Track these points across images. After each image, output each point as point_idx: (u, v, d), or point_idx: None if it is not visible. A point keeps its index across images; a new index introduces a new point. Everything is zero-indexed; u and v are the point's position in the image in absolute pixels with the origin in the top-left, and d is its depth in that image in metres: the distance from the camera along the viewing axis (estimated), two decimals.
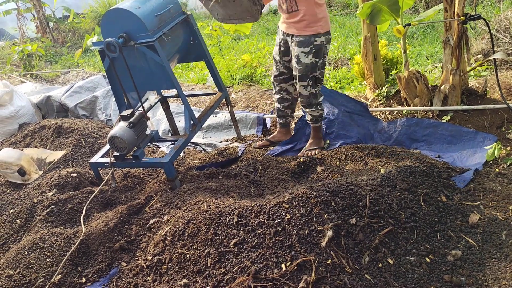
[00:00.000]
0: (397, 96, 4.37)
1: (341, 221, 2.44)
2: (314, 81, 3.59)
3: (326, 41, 3.51)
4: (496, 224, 2.61)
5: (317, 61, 3.51)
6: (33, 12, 11.19)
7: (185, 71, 7.45)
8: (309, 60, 3.50)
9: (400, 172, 2.93)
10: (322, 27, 3.45)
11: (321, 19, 3.43)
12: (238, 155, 3.96)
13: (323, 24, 3.46)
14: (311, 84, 3.59)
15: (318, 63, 3.53)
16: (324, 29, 3.47)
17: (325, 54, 3.57)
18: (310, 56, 3.48)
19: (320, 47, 3.48)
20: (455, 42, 3.78)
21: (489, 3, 7.24)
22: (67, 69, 8.67)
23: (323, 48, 3.51)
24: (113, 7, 3.14)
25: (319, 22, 3.43)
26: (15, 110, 5.14)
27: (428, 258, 2.39)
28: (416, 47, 6.56)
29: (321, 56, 3.53)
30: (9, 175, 3.94)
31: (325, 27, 3.48)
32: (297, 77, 3.59)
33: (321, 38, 3.47)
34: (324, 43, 3.50)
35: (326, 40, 3.51)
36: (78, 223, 3.12)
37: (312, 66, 3.52)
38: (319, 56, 3.51)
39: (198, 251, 2.43)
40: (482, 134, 3.56)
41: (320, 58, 3.53)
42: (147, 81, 3.36)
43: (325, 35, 3.50)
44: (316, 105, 3.70)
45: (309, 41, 3.46)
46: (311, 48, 3.46)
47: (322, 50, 3.52)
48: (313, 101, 3.67)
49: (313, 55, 3.48)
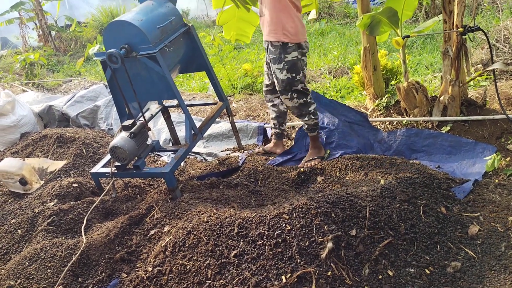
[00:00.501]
0: (397, 106, 4.40)
1: (341, 232, 2.45)
2: (298, 93, 3.57)
3: (300, 55, 3.46)
4: (496, 235, 2.61)
5: (293, 76, 3.48)
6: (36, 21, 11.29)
7: (186, 80, 7.49)
8: (284, 76, 3.49)
9: (400, 183, 2.94)
10: (287, 36, 3.39)
11: (286, 27, 3.36)
12: (239, 165, 3.97)
13: (290, 34, 3.39)
14: (296, 96, 3.57)
15: (296, 78, 3.50)
16: (290, 40, 3.40)
17: (303, 67, 3.53)
18: (285, 72, 3.47)
19: (293, 62, 3.45)
20: (454, 53, 3.81)
21: (489, 13, 7.29)
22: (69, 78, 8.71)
23: (298, 62, 3.47)
24: (115, 19, 3.18)
25: (284, 30, 3.38)
26: (17, 120, 5.17)
27: (427, 270, 2.39)
28: (416, 57, 6.60)
29: (297, 71, 3.49)
30: (10, 184, 3.96)
31: (293, 38, 3.40)
32: (279, 91, 3.61)
33: (293, 54, 3.43)
34: (297, 58, 3.46)
35: (300, 53, 3.46)
36: (79, 234, 3.13)
37: (289, 81, 3.50)
38: (294, 71, 3.47)
39: (198, 262, 2.44)
40: (481, 144, 3.57)
41: (297, 73, 3.49)
42: (149, 91, 3.39)
43: (296, 49, 3.44)
44: (308, 114, 3.66)
45: (280, 58, 3.45)
46: (284, 64, 3.45)
47: (297, 65, 3.47)
48: (304, 110, 3.64)
49: (287, 70, 3.46)
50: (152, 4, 3.42)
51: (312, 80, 6.40)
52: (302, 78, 3.54)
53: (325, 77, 6.45)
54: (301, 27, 3.46)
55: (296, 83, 3.53)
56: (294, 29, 3.40)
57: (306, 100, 3.62)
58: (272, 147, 4.17)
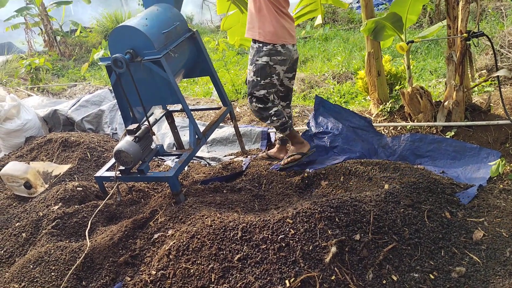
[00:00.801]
0: (401, 111, 4.40)
1: (345, 237, 2.44)
2: (257, 99, 3.52)
3: (272, 62, 3.41)
4: (500, 241, 2.60)
5: (258, 80, 3.46)
6: (41, 26, 11.36)
7: (191, 85, 7.52)
8: (250, 78, 3.50)
9: (404, 188, 2.94)
10: (261, 35, 3.36)
11: (262, 26, 3.34)
12: (243, 169, 3.98)
13: (265, 33, 3.35)
14: (255, 100, 3.53)
15: (260, 82, 3.46)
16: (264, 38, 3.36)
17: (272, 75, 3.46)
18: (252, 73, 3.48)
19: (262, 66, 3.42)
20: (458, 59, 3.81)
21: (493, 18, 7.29)
22: (73, 82, 8.76)
23: (266, 68, 3.42)
24: (121, 24, 3.20)
25: (259, 29, 3.36)
26: (22, 124, 5.20)
27: (432, 275, 2.39)
28: (420, 62, 6.60)
29: (263, 76, 3.45)
30: (15, 188, 3.97)
31: (267, 37, 3.35)
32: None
33: (264, 58, 3.40)
34: (267, 63, 3.41)
35: (273, 60, 3.40)
36: (83, 237, 3.14)
37: (253, 84, 3.49)
38: (260, 75, 3.44)
39: (202, 266, 2.44)
40: (486, 150, 3.56)
41: (262, 78, 3.46)
42: (153, 96, 3.40)
43: (270, 55, 3.39)
44: (269, 117, 3.57)
45: (252, 60, 3.46)
46: (253, 66, 3.46)
47: (265, 70, 3.43)
48: (264, 114, 3.56)
49: (254, 73, 3.46)
50: (157, 10, 3.45)
51: (316, 85, 6.41)
52: (267, 85, 3.47)
53: (329, 83, 6.46)
54: (280, 30, 3.38)
55: (258, 88, 3.48)
56: (274, 31, 3.36)
57: (265, 105, 3.54)
58: (276, 152, 4.17)
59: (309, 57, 7.96)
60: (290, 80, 3.81)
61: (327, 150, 3.96)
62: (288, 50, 3.48)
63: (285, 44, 3.43)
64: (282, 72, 3.53)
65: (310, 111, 5.20)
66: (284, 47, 3.44)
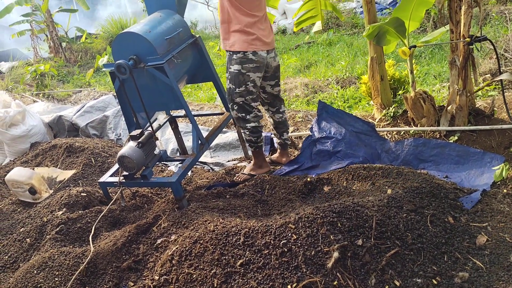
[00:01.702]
0: (404, 116, 4.39)
1: (347, 242, 2.44)
2: (238, 106, 3.63)
3: (244, 69, 3.47)
4: (504, 246, 2.59)
5: (233, 88, 3.55)
6: (47, 33, 11.46)
7: (195, 90, 7.54)
8: (227, 85, 3.61)
9: (407, 192, 2.93)
10: (230, 44, 3.47)
11: (231, 36, 3.46)
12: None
13: (233, 42, 3.45)
14: (236, 108, 3.64)
15: (236, 90, 3.55)
16: (233, 48, 3.46)
17: (247, 82, 3.52)
18: (228, 81, 3.58)
19: (234, 74, 3.51)
20: (461, 63, 3.80)
21: (497, 23, 7.28)
22: (78, 88, 8.82)
23: (239, 76, 3.50)
24: (124, 31, 3.23)
25: (228, 40, 3.49)
26: (27, 130, 5.24)
27: (435, 280, 2.38)
28: (424, 67, 6.59)
29: (238, 84, 3.53)
30: (20, 193, 4.00)
31: (234, 46, 3.45)
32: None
33: (235, 66, 3.48)
34: (239, 71, 3.48)
35: (245, 68, 3.47)
36: (87, 242, 3.15)
37: (230, 92, 3.60)
38: (235, 83, 3.53)
39: (204, 271, 2.44)
40: (489, 154, 3.55)
41: (237, 86, 3.53)
42: (156, 101, 3.42)
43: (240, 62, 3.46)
44: (245, 129, 3.73)
45: (227, 67, 3.57)
46: (228, 74, 3.57)
47: (238, 78, 3.51)
48: (241, 124, 3.73)
49: (229, 80, 3.57)
50: (160, 16, 3.47)
51: (319, 90, 6.42)
52: (243, 92, 3.55)
53: (333, 87, 6.46)
54: (250, 38, 3.43)
55: (235, 95, 3.58)
56: (238, 38, 3.44)
57: (244, 116, 3.66)
58: (278, 157, 4.18)
59: (313, 62, 7.97)
60: (273, 87, 3.86)
61: (330, 155, 3.96)
62: (261, 57, 3.52)
63: (256, 52, 3.48)
64: (258, 79, 3.59)
65: (314, 116, 5.20)
66: (256, 54, 3.49)
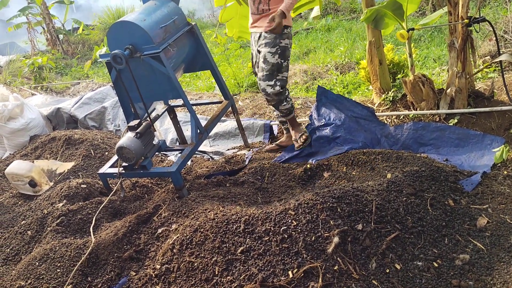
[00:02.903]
0: (404, 100, 4.37)
1: (347, 227, 2.44)
2: (281, 82, 3.70)
3: (289, 44, 3.68)
4: (505, 227, 2.58)
5: (282, 62, 3.64)
6: (43, 25, 11.39)
7: (193, 80, 7.51)
8: (275, 60, 3.61)
9: (406, 176, 2.92)
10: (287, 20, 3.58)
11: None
12: (245, 163, 3.98)
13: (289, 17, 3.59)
14: (280, 84, 3.69)
15: (283, 64, 3.65)
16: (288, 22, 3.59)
17: (289, 56, 3.71)
18: (277, 56, 3.60)
19: (285, 48, 3.63)
20: (460, 45, 3.77)
21: (497, 4, 7.21)
22: (77, 80, 8.78)
23: (287, 50, 3.65)
24: (118, 20, 3.19)
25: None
26: (26, 123, 5.23)
27: (435, 263, 2.38)
28: (423, 50, 6.55)
29: (286, 58, 3.66)
30: (20, 186, 4.00)
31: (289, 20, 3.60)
32: (263, 77, 3.68)
33: (286, 41, 3.62)
34: (288, 45, 3.65)
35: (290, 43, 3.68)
36: (88, 233, 3.16)
37: (278, 67, 3.64)
38: (284, 57, 3.64)
39: (205, 259, 2.45)
40: (489, 136, 3.53)
41: (285, 60, 3.66)
42: (154, 91, 3.40)
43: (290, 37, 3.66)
44: (286, 99, 3.80)
45: (274, 43, 3.59)
46: (277, 48, 3.60)
47: (286, 53, 3.65)
48: (281, 97, 3.76)
49: (278, 56, 3.61)
50: (155, 4, 3.44)
51: (318, 76, 6.38)
52: (287, 66, 3.71)
53: (332, 73, 6.42)
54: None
55: (283, 69, 3.66)
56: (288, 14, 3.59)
57: (283, 91, 3.75)
58: (287, 140, 4.19)
59: (312, 48, 7.92)
60: None
61: (330, 140, 3.95)
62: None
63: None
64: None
65: (313, 102, 5.18)
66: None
